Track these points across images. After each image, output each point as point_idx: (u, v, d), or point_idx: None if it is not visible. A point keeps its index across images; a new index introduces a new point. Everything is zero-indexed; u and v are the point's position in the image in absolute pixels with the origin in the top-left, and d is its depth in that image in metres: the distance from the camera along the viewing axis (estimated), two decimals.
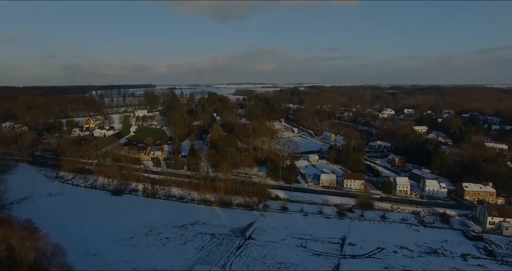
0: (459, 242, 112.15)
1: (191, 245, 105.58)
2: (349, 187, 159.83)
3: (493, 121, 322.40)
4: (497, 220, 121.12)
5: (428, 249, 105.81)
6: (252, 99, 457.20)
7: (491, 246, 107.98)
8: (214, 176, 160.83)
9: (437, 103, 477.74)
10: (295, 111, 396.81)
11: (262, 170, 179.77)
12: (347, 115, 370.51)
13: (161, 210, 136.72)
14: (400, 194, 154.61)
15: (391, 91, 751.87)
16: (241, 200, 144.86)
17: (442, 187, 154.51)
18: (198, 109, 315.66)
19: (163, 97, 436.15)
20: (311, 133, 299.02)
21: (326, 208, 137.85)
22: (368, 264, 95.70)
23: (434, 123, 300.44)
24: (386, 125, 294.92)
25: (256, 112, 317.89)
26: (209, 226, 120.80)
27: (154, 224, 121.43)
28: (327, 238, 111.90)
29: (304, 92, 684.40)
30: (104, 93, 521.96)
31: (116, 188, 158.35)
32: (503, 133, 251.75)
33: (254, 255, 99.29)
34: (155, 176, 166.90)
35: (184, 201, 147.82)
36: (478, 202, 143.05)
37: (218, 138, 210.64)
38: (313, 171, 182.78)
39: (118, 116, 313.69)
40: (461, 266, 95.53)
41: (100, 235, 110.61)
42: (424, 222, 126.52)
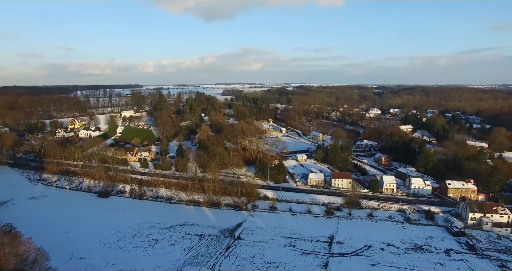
0: (443, 238, 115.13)
1: (179, 246, 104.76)
2: (337, 186, 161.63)
3: (474, 120, 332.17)
4: (478, 216, 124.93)
5: (414, 246, 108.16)
6: (240, 99, 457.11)
7: (473, 241, 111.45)
8: (203, 177, 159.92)
9: (422, 103, 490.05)
10: (283, 111, 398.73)
11: (250, 170, 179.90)
12: (335, 115, 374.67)
13: (149, 211, 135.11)
14: (387, 192, 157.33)
15: (377, 91, 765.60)
16: (229, 200, 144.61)
17: (427, 184, 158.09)
18: (186, 110, 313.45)
19: (150, 98, 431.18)
20: (299, 133, 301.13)
21: (314, 207, 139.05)
22: (356, 262, 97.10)
23: (419, 122, 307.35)
24: (373, 124, 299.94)
25: (244, 112, 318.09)
26: (197, 227, 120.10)
27: (141, 225, 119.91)
28: (316, 237, 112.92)
29: (291, 92, 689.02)
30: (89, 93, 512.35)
31: (103, 189, 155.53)
32: (483, 132, 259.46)
33: (243, 255, 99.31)
34: (143, 177, 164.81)
35: (172, 202, 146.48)
36: (461, 198, 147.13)
37: (206, 138, 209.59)
38: (301, 171, 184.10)
39: (104, 117, 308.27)
40: (445, 261, 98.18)
41: (86, 238, 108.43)
42: (410, 219, 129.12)
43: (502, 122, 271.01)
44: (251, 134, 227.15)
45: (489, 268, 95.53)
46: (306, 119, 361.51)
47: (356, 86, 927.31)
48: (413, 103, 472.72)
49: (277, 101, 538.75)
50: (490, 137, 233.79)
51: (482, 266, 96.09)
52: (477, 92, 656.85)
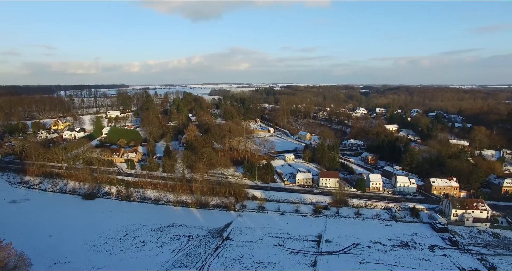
0: (427, 234, 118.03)
1: (167, 248, 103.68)
2: (325, 185, 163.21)
3: (456, 119, 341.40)
4: (460, 212, 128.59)
5: (400, 243, 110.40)
6: (228, 99, 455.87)
7: (455, 237, 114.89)
8: (190, 177, 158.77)
9: (406, 103, 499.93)
10: (270, 111, 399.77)
11: (238, 170, 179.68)
12: (322, 115, 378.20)
13: (136, 213, 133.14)
14: (373, 190, 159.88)
15: (364, 91, 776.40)
16: (218, 200, 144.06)
17: (412, 182, 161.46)
18: (173, 110, 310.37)
19: (137, 98, 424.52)
20: (287, 133, 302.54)
21: (302, 207, 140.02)
22: (344, 260, 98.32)
23: (404, 122, 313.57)
24: (359, 124, 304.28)
25: (232, 112, 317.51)
26: (186, 228, 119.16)
27: (128, 227, 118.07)
28: (304, 236, 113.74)
29: (279, 92, 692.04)
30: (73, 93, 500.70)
31: (88, 191, 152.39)
32: (465, 130, 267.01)
33: (232, 256, 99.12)
34: (129, 178, 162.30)
35: (159, 203, 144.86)
36: (444, 196, 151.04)
37: (193, 139, 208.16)
38: (289, 170, 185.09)
39: (89, 118, 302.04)
40: (429, 257, 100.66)
41: (71, 242, 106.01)
42: (396, 217, 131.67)
43: (482, 121, 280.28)
44: (239, 135, 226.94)
45: (470, 262, 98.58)
46: (293, 119, 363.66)
47: (343, 86, 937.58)
48: (398, 103, 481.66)
49: (264, 101, 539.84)
50: (471, 135, 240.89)
51: (463, 261, 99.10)
52: (459, 92, 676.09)
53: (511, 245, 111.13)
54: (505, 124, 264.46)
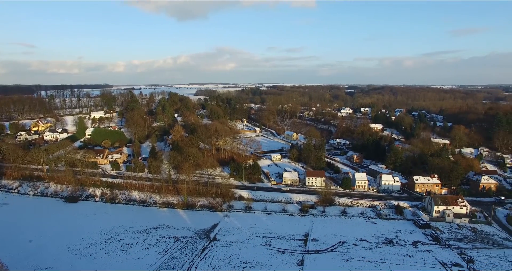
0: (411, 231, 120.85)
1: (154, 250, 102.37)
2: (311, 184, 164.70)
3: (438, 118, 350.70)
4: (441, 209, 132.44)
5: (385, 240, 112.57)
6: (214, 99, 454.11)
7: (437, 232, 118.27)
8: (177, 178, 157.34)
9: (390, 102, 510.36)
10: (257, 111, 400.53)
11: (225, 170, 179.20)
12: (308, 115, 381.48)
13: (121, 215, 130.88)
14: (359, 189, 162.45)
15: (349, 91, 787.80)
16: (204, 201, 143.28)
17: (396, 180, 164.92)
18: (159, 110, 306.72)
19: (121, 98, 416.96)
20: (273, 133, 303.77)
21: (289, 206, 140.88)
22: (331, 258, 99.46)
23: (388, 121, 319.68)
24: (345, 123, 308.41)
25: (218, 112, 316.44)
26: (172, 229, 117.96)
27: (113, 230, 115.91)
28: (291, 235, 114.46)
29: (265, 92, 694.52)
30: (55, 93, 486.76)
31: (71, 194, 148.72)
32: (445, 129, 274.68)
33: (219, 256, 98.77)
34: (114, 180, 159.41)
35: (145, 204, 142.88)
36: (427, 193, 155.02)
37: (179, 139, 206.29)
38: (276, 170, 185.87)
39: (72, 118, 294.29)
40: (413, 253, 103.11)
41: (52, 247, 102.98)
42: (381, 214, 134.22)
43: (461, 120, 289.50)
44: (225, 135, 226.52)
45: (451, 256, 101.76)
46: (280, 119, 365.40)
47: (328, 86, 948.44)
48: (383, 103, 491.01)
49: (251, 101, 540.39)
50: (451, 134, 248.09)
51: (444, 255, 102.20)
52: (440, 92, 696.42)
53: (487, 239, 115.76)
54: (482, 123, 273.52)
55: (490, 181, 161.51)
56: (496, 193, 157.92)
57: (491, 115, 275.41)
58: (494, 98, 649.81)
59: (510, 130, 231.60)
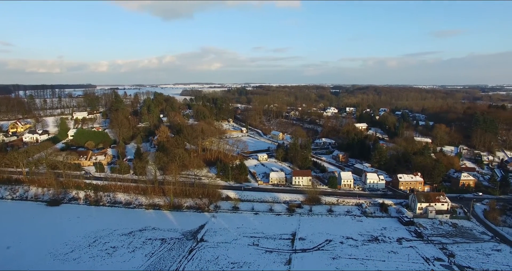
0: (395, 228, 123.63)
1: (140, 253, 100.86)
2: (298, 184, 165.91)
3: (420, 118, 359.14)
4: (424, 206, 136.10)
5: (370, 237, 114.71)
6: (200, 99, 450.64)
7: (420, 229, 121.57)
8: (163, 179, 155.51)
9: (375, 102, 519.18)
10: (243, 111, 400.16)
11: (211, 171, 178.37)
12: (294, 114, 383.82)
13: (106, 217, 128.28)
14: (345, 187, 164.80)
15: (334, 91, 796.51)
16: (191, 202, 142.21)
17: (380, 179, 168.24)
18: (144, 111, 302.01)
19: (105, 98, 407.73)
20: (260, 133, 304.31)
21: (276, 205, 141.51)
22: (318, 256, 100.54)
23: (373, 120, 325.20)
24: (330, 123, 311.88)
25: (204, 112, 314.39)
26: (159, 231, 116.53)
27: (98, 233, 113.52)
28: (278, 235, 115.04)
29: (251, 92, 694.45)
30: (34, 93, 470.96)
31: (53, 197, 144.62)
32: (427, 128, 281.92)
33: (206, 257, 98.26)
34: (98, 182, 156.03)
35: (131, 206, 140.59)
36: (410, 190, 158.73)
37: (165, 140, 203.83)
38: (263, 170, 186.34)
39: (53, 119, 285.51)
40: (397, 249, 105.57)
41: (33, 252, 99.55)
42: (366, 212, 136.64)
43: (442, 119, 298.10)
44: (212, 135, 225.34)
45: (433, 251, 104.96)
46: (266, 119, 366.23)
47: (314, 86, 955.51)
48: (367, 102, 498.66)
49: (237, 101, 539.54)
50: (433, 132, 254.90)
51: (427, 250, 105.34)
52: (422, 92, 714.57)
53: (466, 233, 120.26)
54: (461, 122, 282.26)
55: (469, 178, 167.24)
56: (474, 189, 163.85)
57: (469, 114, 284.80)
58: (472, 98, 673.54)
59: (486, 129, 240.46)
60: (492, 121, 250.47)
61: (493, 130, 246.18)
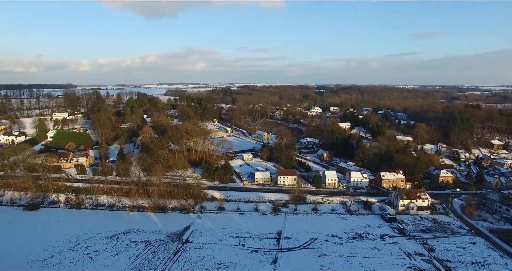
0: (379, 225, 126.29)
1: (124, 256, 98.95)
2: (283, 183, 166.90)
3: (401, 117, 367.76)
4: (406, 202, 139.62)
5: (355, 235, 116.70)
6: (184, 99, 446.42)
7: (402, 225, 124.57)
8: (147, 180, 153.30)
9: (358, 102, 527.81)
10: (228, 111, 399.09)
11: (196, 171, 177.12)
12: (278, 114, 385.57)
13: (88, 221, 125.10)
14: (329, 186, 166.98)
15: (318, 91, 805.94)
16: (176, 203, 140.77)
17: (364, 177, 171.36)
18: (127, 111, 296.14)
19: (87, 99, 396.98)
20: (245, 133, 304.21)
21: (261, 205, 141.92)
22: (304, 255, 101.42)
23: (356, 120, 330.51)
24: (315, 122, 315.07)
25: (189, 112, 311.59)
26: (143, 233, 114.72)
27: (79, 237, 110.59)
28: (264, 234, 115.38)
29: (236, 92, 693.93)
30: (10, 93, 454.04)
31: (31, 201, 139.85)
32: (409, 127, 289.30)
33: (192, 259, 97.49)
34: (80, 184, 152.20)
35: (114, 209, 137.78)
36: (393, 188, 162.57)
37: (149, 140, 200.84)
38: (248, 170, 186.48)
39: (31, 120, 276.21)
40: (380, 246, 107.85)
41: (8, 260, 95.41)
42: (351, 210, 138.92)
43: (422, 118, 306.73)
44: (196, 135, 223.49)
45: (415, 246, 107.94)
46: (251, 119, 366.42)
47: (298, 86, 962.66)
48: (350, 102, 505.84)
49: (221, 101, 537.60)
50: (414, 131, 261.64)
51: (409, 246, 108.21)
52: (403, 92, 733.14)
53: (445, 228, 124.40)
54: (440, 121, 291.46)
55: (448, 175, 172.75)
56: (452, 185, 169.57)
57: (448, 114, 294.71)
58: (450, 98, 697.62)
59: (463, 128, 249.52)
60: (468, 120, 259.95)
61: (469, 129, 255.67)
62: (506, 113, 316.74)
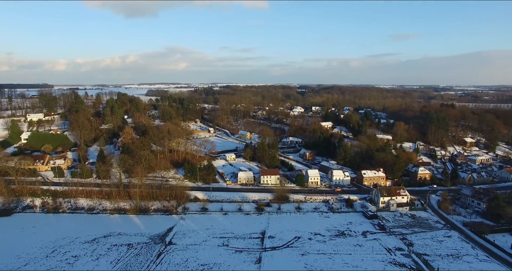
0: (360, 222, 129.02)
1: (105, 260, 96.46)
2: (266, 183, 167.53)
3: (381, 116, 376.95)
4: (386, 199, 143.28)
5: (337, 232, 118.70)
6: (166, 99, 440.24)
7: (383, 222, 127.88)
8: (128, 182, 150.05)
9: (339, 101, 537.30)
10: (210, 111, 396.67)
11: (179, 172, 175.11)
12: (261, 114, 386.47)
13: (67, 225, 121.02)
14: (312, 185, 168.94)
15: (300, 90, 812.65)
16: (158, 205, 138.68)
17: (346, 175, 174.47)
18: (107, 112, 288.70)
19: (64, 99, 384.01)
20: (227, 133, 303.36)
21: (245, 205, 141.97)
22: (288, 253, 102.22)
23: (337, 119, 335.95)
24: (297, 122, 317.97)
25: (171, 113, 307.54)
26: (125, 236, 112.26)
27: (57, 243, 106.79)
28: (248, 234, 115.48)
29: (218, 92, 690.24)
30: None
31: (3, 207, 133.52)
32: (388, 126, 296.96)
33: (175, 261, 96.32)
34: (58, 187, 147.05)
35: (94, 212, 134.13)
36: (374, 185, 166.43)
37: (130, 141, 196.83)
38: (231, 170, 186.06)
39: (3, 122, 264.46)
40: (362, 242, 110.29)
41: None
42: (333, 208, 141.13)
43: (401, 117, 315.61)
44: (179, 136, 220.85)
45: (395, 242, 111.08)
46: (233, 119, 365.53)
47: (280, 86, 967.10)
48: (332, 102, 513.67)
49: (204, 102, 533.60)
50: (393, 130, 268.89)
51: (389, 242, 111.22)
52: (382, 92, 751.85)
53: (423, 223, 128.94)
54: (418, 120, 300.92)
55: (425, 172, 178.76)
56: (430, 182, 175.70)
57: (425, 113, 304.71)
58: (427, 97, 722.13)
59: (439, 126, 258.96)
60: (444, 119, 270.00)
61: (445, 127, 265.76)
62: (477, 112, 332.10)
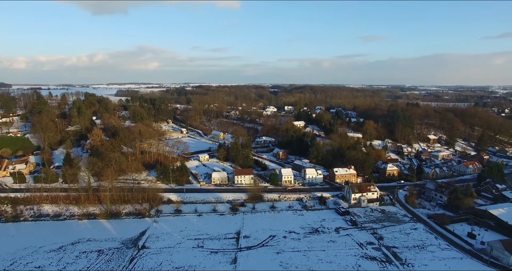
0: (333, 218, 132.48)
1: (73, 268, 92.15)
2: (240, 183, 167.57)
3: (352, 115, 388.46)
4: (357, 196, 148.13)
5: (311, 229, 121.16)
6: (137, 100, 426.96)
7: (354, 217, 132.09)
8: (98, 186, 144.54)
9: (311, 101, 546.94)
10: (182, 112, 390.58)
11: (151, 174, 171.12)
12: (234, 114, 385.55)
13: (29, 234, 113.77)
14: (286, 184, 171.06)
15: (273, 90, 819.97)
16: (130, 208, 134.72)
17: (318, 173, 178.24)
18: (73, 113, 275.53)
19: (24, 99, 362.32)
20: (200, 133, 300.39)
21: (219, 206, 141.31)
22: (263, 252, 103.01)
23: (310, 118, 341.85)
24: (270, 122, 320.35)
25: (142, 113, 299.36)
26: (94, 242, 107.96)
27: (17, 254, 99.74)
28: (223, 235, 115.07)
29: (191, 92, 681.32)
30: None
31: None
32: (359, 124, 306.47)
33: (149, 265, 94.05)
34: (18, 194, 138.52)
35: (61, 218, 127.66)
36: (345, 183, 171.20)
37: (99, 143, 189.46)
38: (205, 170, 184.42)
39: None
40: (335, 238, 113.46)
41: None
42: (307, 206, 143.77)
43: (370, 116, 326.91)
44: (150, 137, 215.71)
45: (366, 236, 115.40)
46: (206, 119, 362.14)
47: (253, 86, 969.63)
48: (304, 101, 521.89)
49: (176, 102, 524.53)
50: (363, 128, 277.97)
51: (361, 236, 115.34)
52: (353, 91, 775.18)
53: (392, 217, 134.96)
54: (386, 118, 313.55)
55: (394, 168, 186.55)
56: (398, 177, 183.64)
57: (392, 111, 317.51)
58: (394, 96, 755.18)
59: (406, 124, 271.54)
60: (410, 117, 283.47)
61: (410, 125, 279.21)
62: (439, 111, 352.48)
